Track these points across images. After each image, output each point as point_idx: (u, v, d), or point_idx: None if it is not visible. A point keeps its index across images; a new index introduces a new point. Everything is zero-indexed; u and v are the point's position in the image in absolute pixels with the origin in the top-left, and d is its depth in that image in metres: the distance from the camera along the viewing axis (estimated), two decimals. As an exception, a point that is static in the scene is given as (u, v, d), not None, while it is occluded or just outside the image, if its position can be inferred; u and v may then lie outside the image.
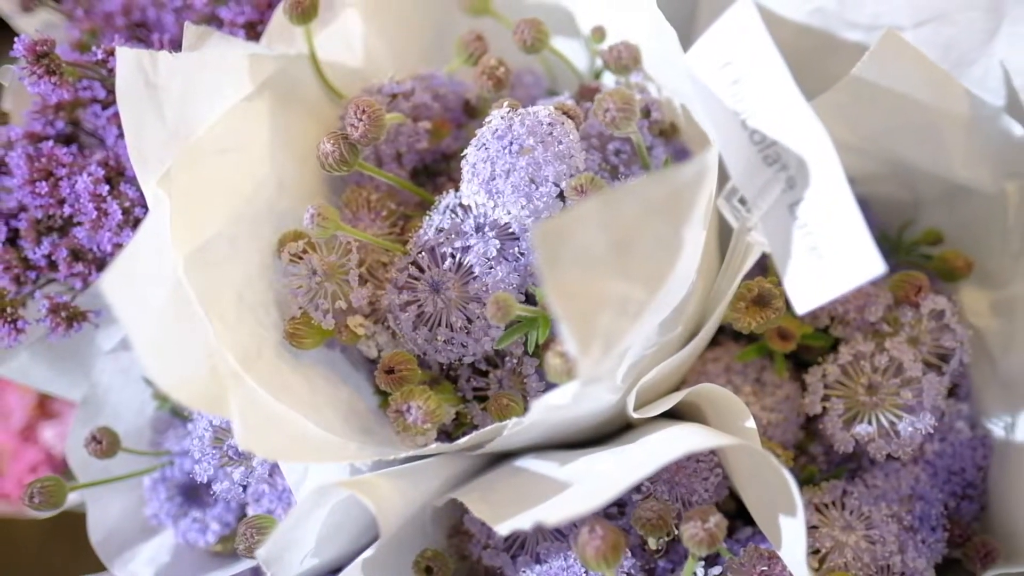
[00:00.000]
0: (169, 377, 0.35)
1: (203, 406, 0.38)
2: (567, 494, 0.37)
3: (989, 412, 0.51)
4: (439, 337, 0.43)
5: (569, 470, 0.41)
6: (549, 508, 0.35)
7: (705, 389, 0.42)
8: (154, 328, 0.35)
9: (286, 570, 0.41)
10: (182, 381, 0.35)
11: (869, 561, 0.46)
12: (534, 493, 0.39)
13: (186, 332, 0.37)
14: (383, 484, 0.38)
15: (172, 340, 0.36)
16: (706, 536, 0.37)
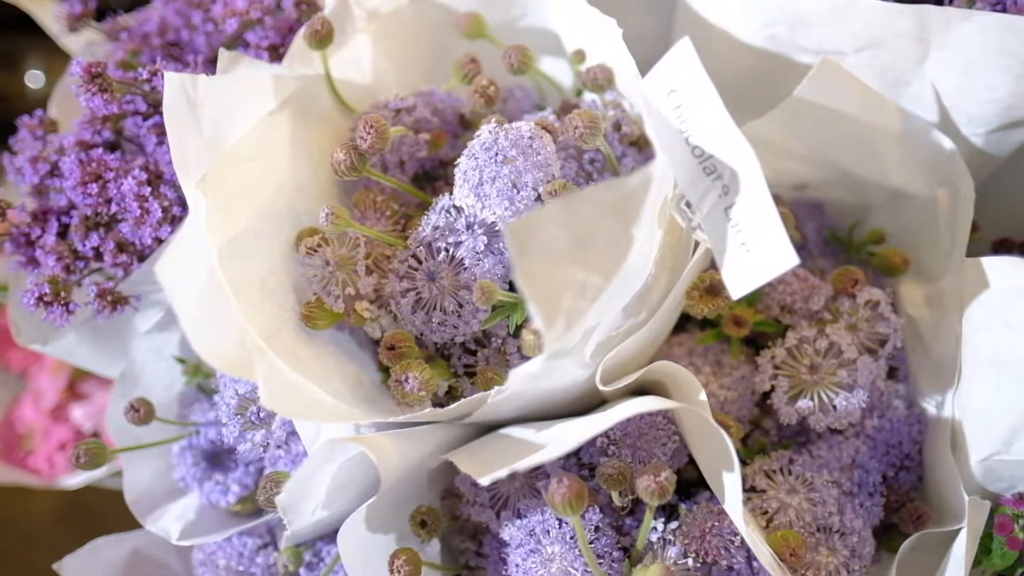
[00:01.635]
0: (207, 345, 0.42)
1: (234, 371, 0.45)
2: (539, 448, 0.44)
3: (923, 392, 0.57)
4: (434, 319, 0.50)
5: (544, 434, 0.48)
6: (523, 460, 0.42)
7: (662, 366, 0.48)
8: (195, 305, 0.42)
9: (300, 518, 0.48)
10: (217, 350, 0.42)
11: (810, 520, 0.52)
12: (513, 452, 0.46)
13: (220, 310, 0.44)
14: (384, 441, 0.45)
15: (209, 316, 0.43)
16: (657, 487, 0.44)
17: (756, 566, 0.50)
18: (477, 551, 0.56)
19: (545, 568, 0.48)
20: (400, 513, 0.52)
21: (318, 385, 0.47)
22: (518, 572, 0.49)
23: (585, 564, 0.47)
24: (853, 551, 0.53)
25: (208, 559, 0.59)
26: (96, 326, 0.58)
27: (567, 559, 0.48)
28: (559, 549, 0.48)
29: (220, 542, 0.58)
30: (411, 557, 0.49)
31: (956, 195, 0.55)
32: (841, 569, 0.53)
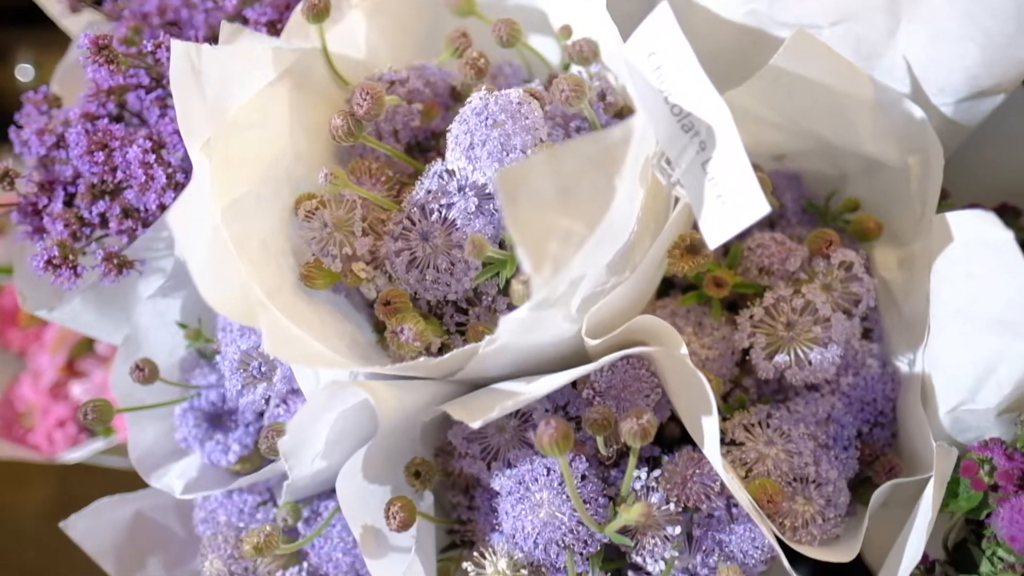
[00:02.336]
0: (214, 293, 0.44)
1: (238, 318, 0.47)
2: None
3: (897, 351, 0.60)
4: (427, 277, 0.52)
5: (532, 385, 0.50)
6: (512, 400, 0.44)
7: (645, 320, 0.50)
8: (203, 256, 0.45)
9: (300, 465, 0.51)
10: (223, 298, 0.45)
11: (787, 470, 0.55)
12: (503, 398, 0.48)
13: (225, 262, 0.46)
14: (382, 388, 0.47)
15: (216, 266, 0.45)
16: (639, 429, 0.46)
17: (735, 512, 0.53)
18: (469, 505, 0.58)
19: (534, 514, 0.50)
20: (395, 465, 0.54)
21: (317, 340, 0.49)
22: (508, 519, 0.51)
23: (572, 508, 0.50)
24: (828, 500, 0.56)
25: (209, 516, 0.61)
26: (101, 292, 0.60)
27: (555, 504, 0.50)
28: (547, 495, 0.50)
29: (221, 499, 0.60)
30: (406, 504, 0.52)
31: (927, 163, 0.58)
32: (817, 517, 0.55)
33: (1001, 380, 0.50)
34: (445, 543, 0.60)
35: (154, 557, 0.67)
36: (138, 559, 0.66)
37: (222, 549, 0.58)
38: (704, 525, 0.53)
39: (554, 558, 0.51)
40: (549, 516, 0.50)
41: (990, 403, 0.51)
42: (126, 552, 0.66)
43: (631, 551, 0.52)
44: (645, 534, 0.52)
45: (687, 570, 0.53)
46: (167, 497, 0.67)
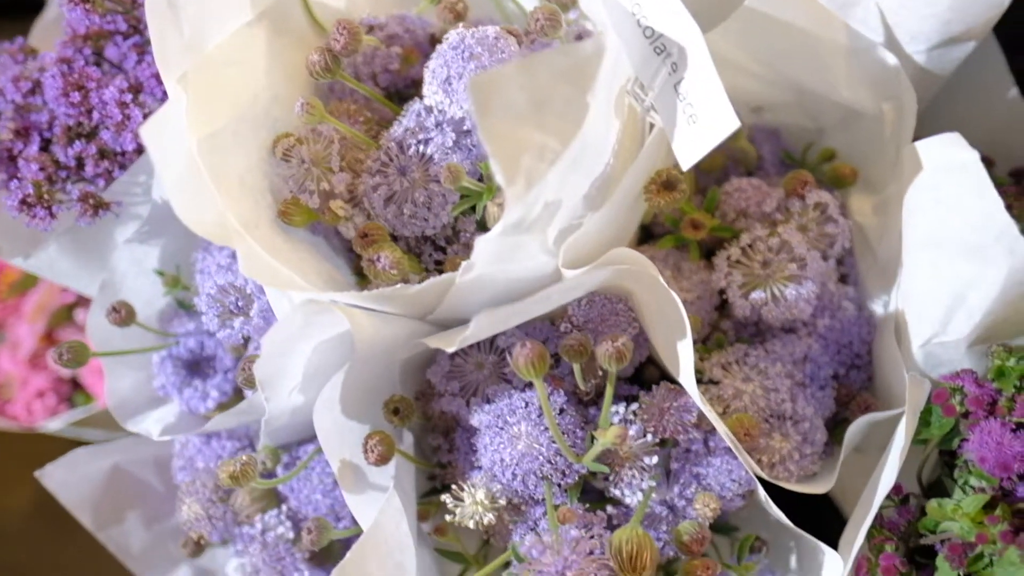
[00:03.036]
0: (189, 213, 0.44)
1: (215, 238, 0.47)
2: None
3: (872, 295, 0.61)
4: (405, 212, 0.52)
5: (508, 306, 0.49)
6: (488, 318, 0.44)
7: (621, 252, 0.51)
8: (179, 174, 0.45)
9: (277, 396, 0.50)
10: (199, 217, 0.45)
11: (764, 406, 0.55)
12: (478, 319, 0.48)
13: (202, 185, 0.46)
14: (360, 315, 0.47)
15: (192, 187, 0.45)
16: (615, 351, 0.46)
17: (713, 445, 0.53)
18: (449, 448, 0.58)
19: (512, 445, 0.50)
20: (374, 403, 0.54)
21: (294, 273, 0.49)
22: (487, 453, 0.52)
23: (550, 439, 0.50)
24: (805, 437, 0.56)
25: (188, 463, 0.61)
26: (77, 237, 0.60)
27: (533, 435, 0.50)
28: (525, 427, 0.50)
29: (199, 446, 0.60)
30: (384, 438, 0.52)
31: (900, 109, 0.59)
32: (794, 453, 0.56)
33: (971, 308, 0.50)
34: (426, 488, 0.60)
35: (132, 511, 0.67)
36: (116, 513, 0.66)
37: (200, 493, 0.58)
38: (681, 459, 0.53)
39: (532, 489, 0.51)
40: (527, 447, 0.50)
41: (961, 333, 0.52)
42: (103, 505, 0.65)
43: (609, 485, 0.53)
44: (623, 466, 0.52)
45: (665, 502, 0.53)
46: (146, 451, 0.67)
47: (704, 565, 0.49)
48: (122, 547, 0.66)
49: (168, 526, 0.68)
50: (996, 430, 0.48)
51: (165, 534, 0.68)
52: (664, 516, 0.52)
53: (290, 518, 0.58)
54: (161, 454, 0.67)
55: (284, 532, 0.57)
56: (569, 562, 0.44)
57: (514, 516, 0.54)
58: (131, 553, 0.67)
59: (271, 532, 0.57)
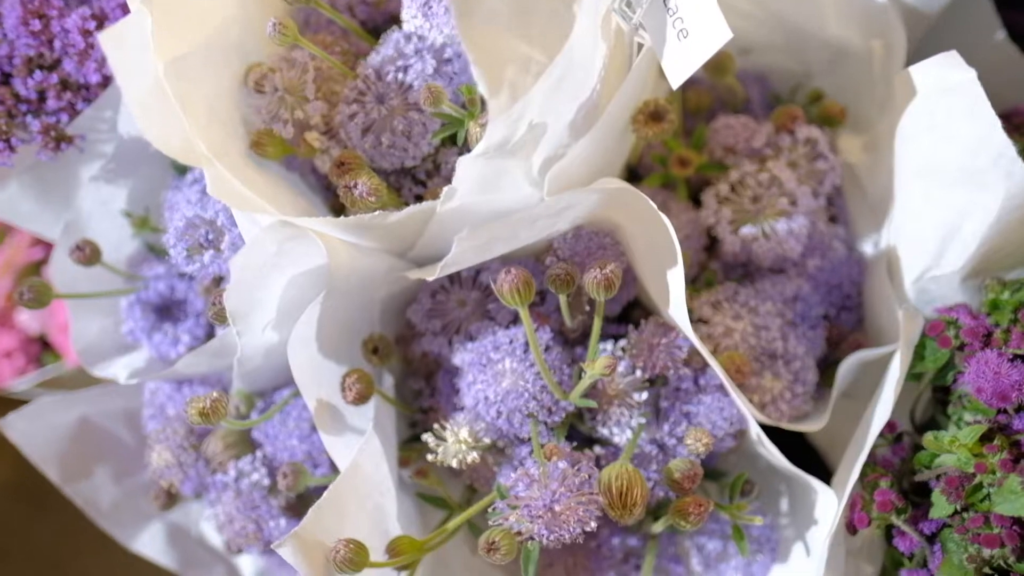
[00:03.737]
0: (154, 131, 0.41)
1: (181, 158, 0.45)
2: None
3: (862, 235, 0.59)
4: (384, 142, 0.50)
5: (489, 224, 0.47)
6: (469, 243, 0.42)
7: (607, 181, 0.49)
8: (144, 92, 0.42)
9: (250, 331, 0.48)
10: (165, 137, 0.42)
11: (755, 344, 0.54)
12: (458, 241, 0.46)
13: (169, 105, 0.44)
14: (336, 240, 0.45)
15: (158, 105, 0.43)
16: (603, 279, 0.45)
17: (703, 383, 0.52)
18: (431, 392, 0.57)
19: (496, 383, 0.49)
20: (352, 343, 0.52)
21: (268, 203, 0.47)
22: (470, 392, 0.50)
23: (536, 375, 0.48)
24: (796, 376, 0.55)
25: (158, 411, 0.59)
26: (40, 176, 0.57)
27: (518, 371, 0.48)
28: (510, 363, 0.49)
29: (170, 392, 0.58)
30: (363, 376, 0.50)
31: (889, 47, 0.57)
32: (785, 392, 0.54)
33: (966, 238, 0.49)
34: (407, 436, 0.59)
35: (101, 465, 0.65)
36: (83, 466, 0.64)
37: (171, 440, 0.56)
38: (671, 397, 0.52)
39: (518, 428, 0.49)
40: (512, 384, 0.48)
41: (955, 266, 0.51)
42: (70, 458, 0.63)
43: (596, 424, 0.51)
44: (611, 404, 0.50)
45: (654, 441, 0.51)
46: (114, 402, 0.65)
47: (696, 502, 0.47)
48: (91, 502, 0.64)
49: (139, 481, 0.66)
50: (993, 360, 0.47)
51: (136, 490, 0.66)
52: (654, 455, 0.51)
53: (265, 465, 0.55)
54: (130, 406, 0.64)
55: (259, 479, 0.55)
56: (557, 495, 0.42)
57: (498, 458, 0.53)
58: (100, 509, 0.64)
59: (245, 479, 0.55)
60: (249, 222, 0.47)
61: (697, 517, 0.47)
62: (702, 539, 0.56)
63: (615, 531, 0.57)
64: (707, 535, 0.56)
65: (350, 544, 0.44)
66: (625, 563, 0.57)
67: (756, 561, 0.55)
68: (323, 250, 0.44)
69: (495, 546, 0.43)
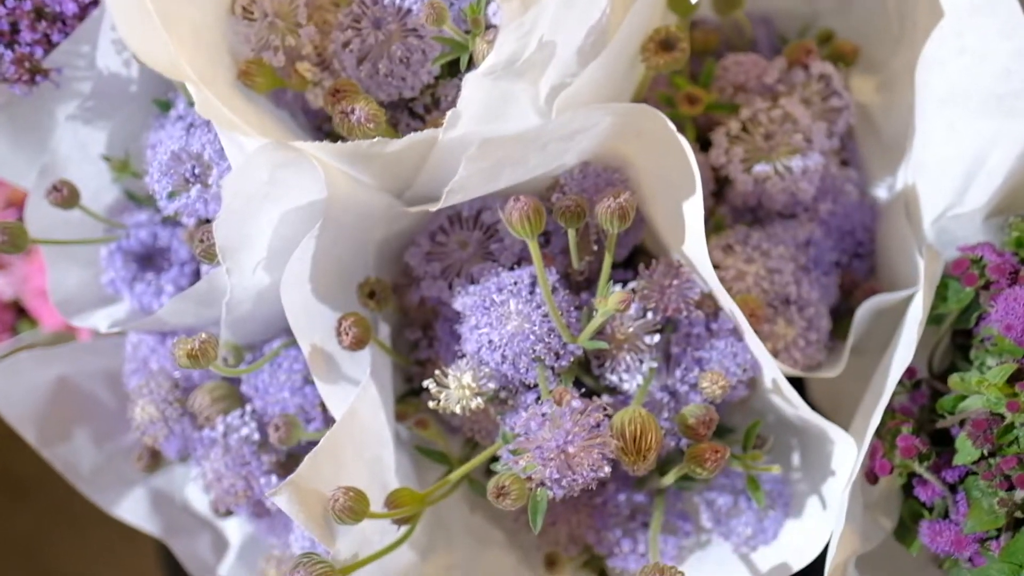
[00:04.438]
0: (137, 42, 0.38)
1: (164, 71, 0.42)
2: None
3: (875, 179, 0.57)
4: (381, 70, 0.47)
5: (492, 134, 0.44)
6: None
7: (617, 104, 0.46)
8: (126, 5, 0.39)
9: (240, 270, 0.45)
10: (148, 48, 0.39)
11: (768, 288, 0.52)
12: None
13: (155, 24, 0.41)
14: (332, 167, 0.42)
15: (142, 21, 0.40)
16: (617, 208, 0.42)
17: (715, 328, 0.49)
18: (429, 343, 0.54)
19: (501, 325, 0.46)
20: (347, 287, 0.49)
21: (257, 131, 0.44)
22: (472, 337, 0.47)
23: (543, 316, 0.46)
24: (810, 323, 0.53)
25: (141, 365, 0.55)
26: (13, 116, 0.54)
27: (524, 313, 0.46)
28: (515, 305, 0.46)
29: (153, 345, 0.55)
30: (360, 320, 0.47)
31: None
32: (799, 339, 0.52)
33: (991, 172, 0.47)
34: (403, 390, 0.56)
35: (81, 428, 0.61)
36: (62, 429, 0.60)
37: (155, 393, 0.53)
38: (682, 343, 0.49)
39: (523, 373, 0.47)
40: (518, 327, 0.46)
41: (979, 203, 0.49)
42: (49, 420, 0.60)
43: (605, 371, 0.49)
44: (621, 349, 0.48)
45: (666, 387, 0.49)
46: (94, 361, 0.62)
47: (712, 448, 0.45)
48: (70, 466, 0.61)
49: (121, 444, 0.63)
50: (1022, 297, 0.45)
51: (117, 453, 0.62)
52: (665, 403, 0.49)
53: (255, 420, 0.53)
54: (111, 366, 0.61)
55: (249, 434, 0.52)
56: (571, 436, 0.40)
57: (500, 409, 0.50)
58: (80, 473, 0.61)
59: (234, 434, 0.52)
60: (239, 151, 0.44)
61: (714, 464, 0.45)
62: (712, 494, 0.54)
63: (621, 487, 0.55)
64: (717, 490, 0.54)
65: (350, 492, 0.42)
66: (632, 520, 0.55)
67: (768, 517, 0.53)
68: (320, 175, 0.41)
69: (505, 491, 0.40)
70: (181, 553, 0.63)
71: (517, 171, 0.45)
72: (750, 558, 0.53)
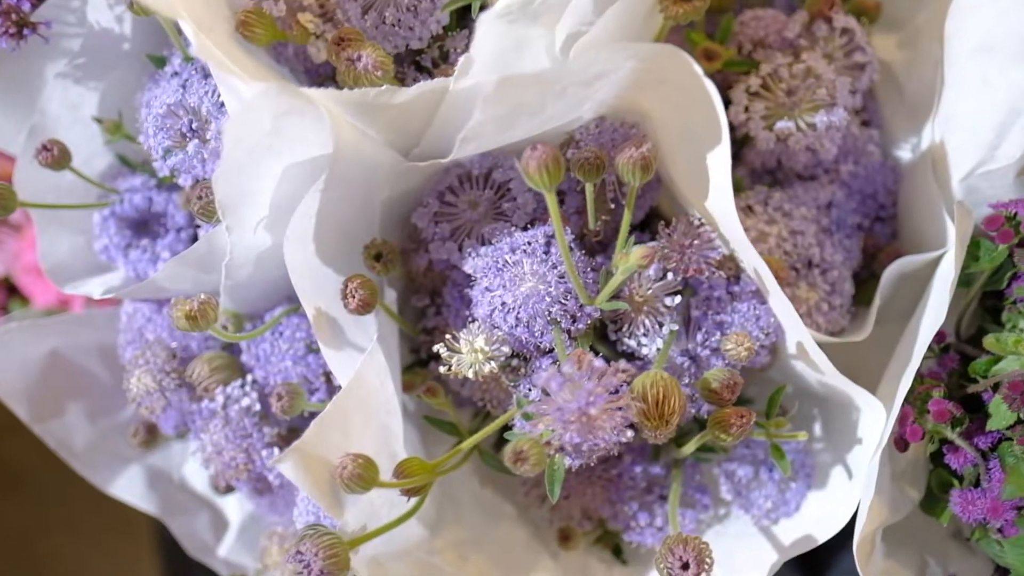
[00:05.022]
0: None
1: (164, 10, 0.39)
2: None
3: (898, 139, 0.55)
4: (387, 19, 0.45)
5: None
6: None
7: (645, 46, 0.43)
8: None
9: (240, 227, 0.43)
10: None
11: (791, 250, 0.50)
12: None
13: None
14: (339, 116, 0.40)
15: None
16: (640, 158, 0.40)
17: (737, 290, 0.47)
18: (436, 310, 0.52)
19: (515, 287, 0.44)
20: (352, 250, 0.47)
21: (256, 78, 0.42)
22: (485, 299, 0.45)
23: (559, 276, 0.44)
24: (833, 287, 0.51)
25: (136, 336, 0.53)
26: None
27: (539, 273, 0.44)
28: (530, 265, 0.44)
29: (149, 314, 0.53)
30: (366, 282, 0.45)
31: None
32: (822, 304, 0.50)
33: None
34: (410, 361, 0.54)
35: (74, 403, 0.59)
36: (55, 404, 0.58)
37: (151, 364, 0.50)
38: (702, 306, 0.47)
39: (538, 337, 0.44)
40: (533, 288, 0.43)
41: (1012, 157, 0.47)
42: (41, 395, 0.57)
43: (622, 336, 0.46)
44: (639, 312, 0.46)
45: (686, 352, 0.47)
46: (88, 335, 0.59)
47: (738, 413, 0.43)
48: (63, 443, 0.59)
49: (115, 421, 0.61)
50: (1059, 253, 0.43)
51: (112, 430, 0.60)
52: (686, 367, 0.46)
53: (256, 390, 0.50)
54: (106, 340, 0.59)
55: (250, 404, 0.50)
56: (594, 397, 0.37)
57: (513, 377, 0.48)
58: (73, 451, 0.59)
59: (235, 405, 0.50)
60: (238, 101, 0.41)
61: (740, 429, 0.43)
62: (731, 465, 0.52)
63: (637, 459, 0.53)
64: (737, 461, 0.52)
65: (359, 459, 0.39)
66: (648, 493, 0.53)
67: (789, 489, 0.51)
68: (325, 126, 0.38)
69: (523, 455, 0.38)
70: (179, 533, 0.61)
71: (533, 121, 0.42)
72: (771, 531, 0.51)
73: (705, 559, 0.41)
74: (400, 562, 0.46)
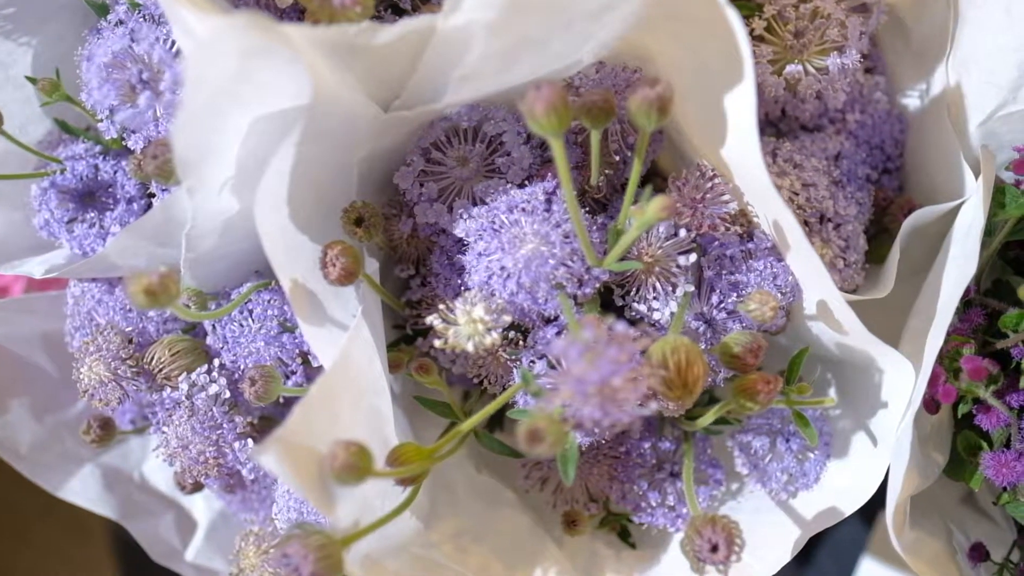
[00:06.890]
0: None
1: None
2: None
3: (904, 87, 0.52)
4: (361, -46, 0.40)
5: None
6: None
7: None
8: None
9: (203, 188, 0.38)
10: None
11: (803, 204, 0.46)
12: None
13: None
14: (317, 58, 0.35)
15: None
16: (656, 98, 0.36)
17: (751, 247, 0.44)
18: (422, 281, 0.47)
19: (515, 249, 0.39)
20: (328, 217, 0.42)
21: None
22: (480, 264, 0.40)
23: (563, 235, 0.39)
24: (847, 242, 0.47)
25: (85, 321, 0.48)
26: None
27: (541, 233, 0.39)
28: (530, 224, 0.39)
29: (99, 296, 0.47)
30: (348, 248, 0.40)
31: None
32: (837, 260, 0.47)
33: (1055, 59, 0.42)
34: (394, 338, 0.49)
35: (16, 400, 0.53)
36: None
37: (104, 350, 0.45)
38: (715, 266, 0.43)
39: (542, 303, 0.40)
40: (534, 250, 0.39)
41: (1037, 96, 0.44)
42: (-23, 391, 0.52)
43: (631, 301, 0.43)
44: (650, 273, 0.42)
45: (700, 315, 0.43)
46: (30, 324, 0.53)
47: (763, 379, 0.39)
48: (6, 444, 0.53)
49: (65, 417, 0.55)
50: (1096, 195, 0.40)
51: (62, 427, 0.55)
52: (701, 332, 0.43)
53: (224, 376, 0.45)
54: (50, 328, 0.53)
55: (218, 392, 0.45)
56: (618, 366, 0.33)
57: (513, 352, 0.44)
58: (18, 452, 0.53)
59: (201, 393, 0.45)
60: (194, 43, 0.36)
61: (767, 396, 0.39)
62: (746, 437, 0.49)
63: (646, 434, 0.49)
64: (752, 432, 0.49)
65: (351, 447, 0.35)
66: (658, 471, 0.49)
67: (808, 459, 0.48)
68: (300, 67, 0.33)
69: (539, 435, 0.34)
70: (141, 537, 0.56)
71: (535, 60, 0.38)
72: (790, 505, 0.48)
73: (735, 539, 0.38)
74: (396, 559, 0.42)
